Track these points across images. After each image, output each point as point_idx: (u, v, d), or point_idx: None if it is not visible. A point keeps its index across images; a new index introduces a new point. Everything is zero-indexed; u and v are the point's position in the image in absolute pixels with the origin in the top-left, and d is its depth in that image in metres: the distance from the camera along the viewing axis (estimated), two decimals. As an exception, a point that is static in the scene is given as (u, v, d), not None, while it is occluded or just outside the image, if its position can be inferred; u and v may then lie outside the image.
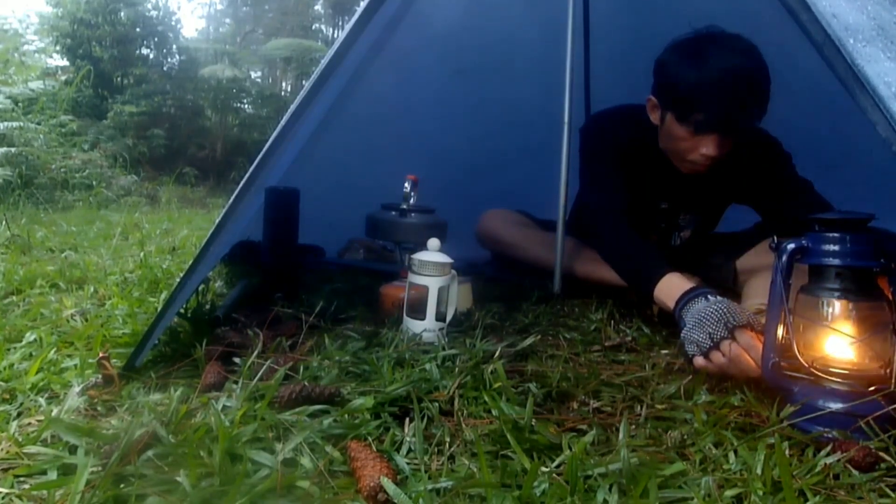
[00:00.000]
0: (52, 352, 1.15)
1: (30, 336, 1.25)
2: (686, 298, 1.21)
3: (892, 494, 0.73)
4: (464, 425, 0.88)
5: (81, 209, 5.05)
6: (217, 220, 1.23)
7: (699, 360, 1.09)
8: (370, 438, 0.83)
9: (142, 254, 2.27)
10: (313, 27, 16.64)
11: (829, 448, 0.81)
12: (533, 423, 0.85)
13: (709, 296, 1.18)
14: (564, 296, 1.71)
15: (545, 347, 1.28)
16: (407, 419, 0.89)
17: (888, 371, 0.89)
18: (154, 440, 0.77)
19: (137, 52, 10.66)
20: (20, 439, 0.80)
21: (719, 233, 1.88)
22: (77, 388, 0.96)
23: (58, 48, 9.61)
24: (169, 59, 11.56)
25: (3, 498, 0.68)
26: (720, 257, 1.69)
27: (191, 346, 1.14)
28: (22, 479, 0.73)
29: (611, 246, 1.53)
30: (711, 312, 1.10)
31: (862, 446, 0.79)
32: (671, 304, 1.25)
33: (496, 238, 1.99)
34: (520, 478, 0.72)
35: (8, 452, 0.78)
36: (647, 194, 1.70)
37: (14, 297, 1.64)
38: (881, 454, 0.79)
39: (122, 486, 0.70)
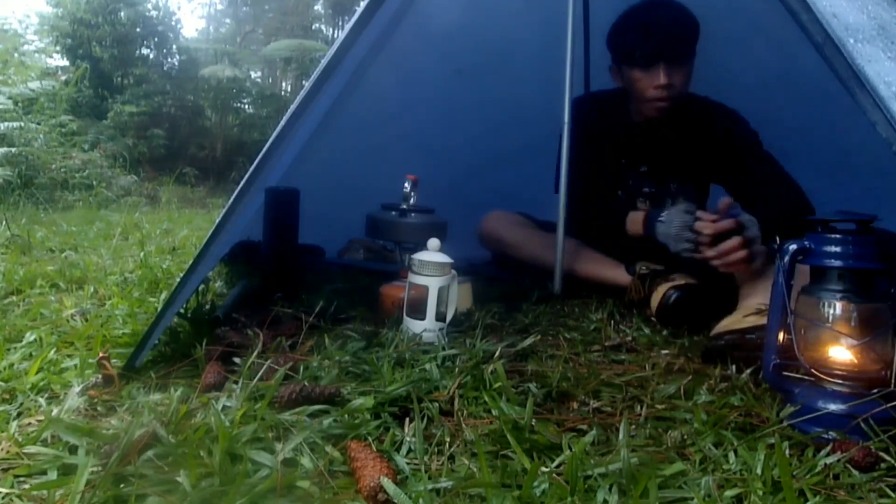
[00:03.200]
0: (52, 352, 1.15)
1: (30, 336, 1.25)
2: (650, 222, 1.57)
3: (892, 494, 0.73)
4: (464, 425, 0.88)
5: (81, 209, 5.05)
6: (217, 220, 1.23)
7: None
8: (370, 438, 0.83)
9: (142, 254, 2.27)
10: (313, 27, 16.62)
11: (829, 448, 0.81)
12: (533, 423, 0.85)
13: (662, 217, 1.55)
14: (564, 296, 1.71)
15: (545, 347, 1.28)
16: (407, 419, 0.89)
17: (888, 373, 0.89)
18: (154, 440, 0.77)
19: (137, 52, 10.65)
20: (20, 439, 0.80)
21: None
22: (77, 388, 0.96)
23: (58, 48, 9.60)
24: (169, 59, 11.56)
25: (3, 498, 0.68)
26: None
27: (191, 346, 1.14)
28: (22, 479, 0.73)
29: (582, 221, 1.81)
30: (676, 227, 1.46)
31: (862, 446, 0.79)
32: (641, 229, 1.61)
33: (498, 238, 2.00)
34: (520, 478, 0.72)
35: (8, 452, 0.78)
36: (626, 161, 1.87)
37: (14, 297, 1.64)
38: (881, 454, 0.79)
39: (122, 486, 0.70)
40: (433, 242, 1.34)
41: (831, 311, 0.94)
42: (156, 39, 11.04)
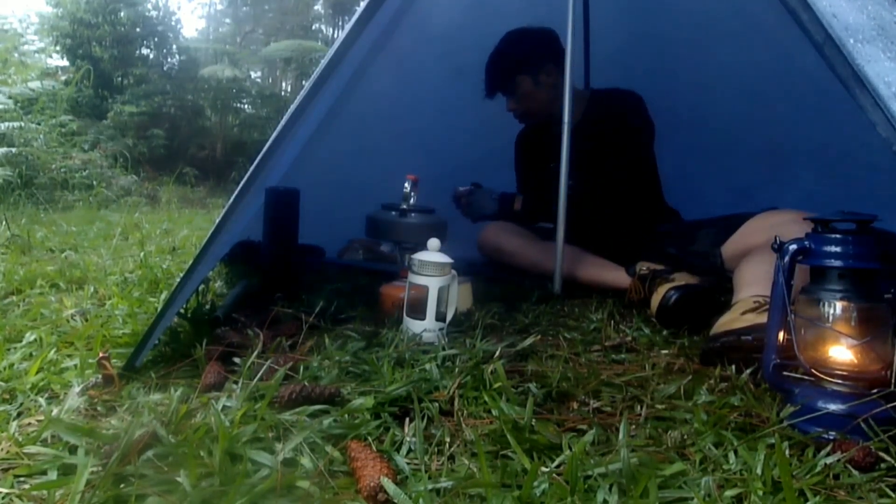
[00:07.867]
0: (52, 352, 1.15)
1: (30, 336, 1.25)
2: None
3: (892, 494, 0.73)
4: (464, 425, 0.88)
5: (81, 209, 5.04)
6: (217, 220, 1.23)
7: None
8: (370, 438, 0.83)
9: (142, 254, 2.27)
10: (313, 27, 16.61)
11: (829, 448, 0.81)
12: (533, 423, 0.85)
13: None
14: (564, 296, 1.71)
15: (545, 347, 1.28)
16: (407, 419, 0.89)
17: (888, 373, 0.89)
18: (154, 440, 0.77)
19: (137, 52, 10.64)
20: (20, 439, 0.80)
21: (702, 219, 1.87)
22: (77, 388, 0.96)
23: (58, 48, 9.59)
24: (169, 59, 11.54)
25: (3, 498, 0.68)
26: (705, 244, 1.68)
27: (191, 346, 1.14)
28: (22, 479, 0.73)
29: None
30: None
31: (862, 446, 0.79)
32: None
33: (498, 247, 2.01)
34: (520, 478, 0.72)
35: (8, 452, 0.78)
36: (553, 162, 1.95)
37: (14, 297, 1.64)
38: (881, 454, 0.79)
39: (122, 486, 0.70)
40: (433, 242, 1.34)
41: (831, 311, 0.94)
42: (156, 39, 11.03)
